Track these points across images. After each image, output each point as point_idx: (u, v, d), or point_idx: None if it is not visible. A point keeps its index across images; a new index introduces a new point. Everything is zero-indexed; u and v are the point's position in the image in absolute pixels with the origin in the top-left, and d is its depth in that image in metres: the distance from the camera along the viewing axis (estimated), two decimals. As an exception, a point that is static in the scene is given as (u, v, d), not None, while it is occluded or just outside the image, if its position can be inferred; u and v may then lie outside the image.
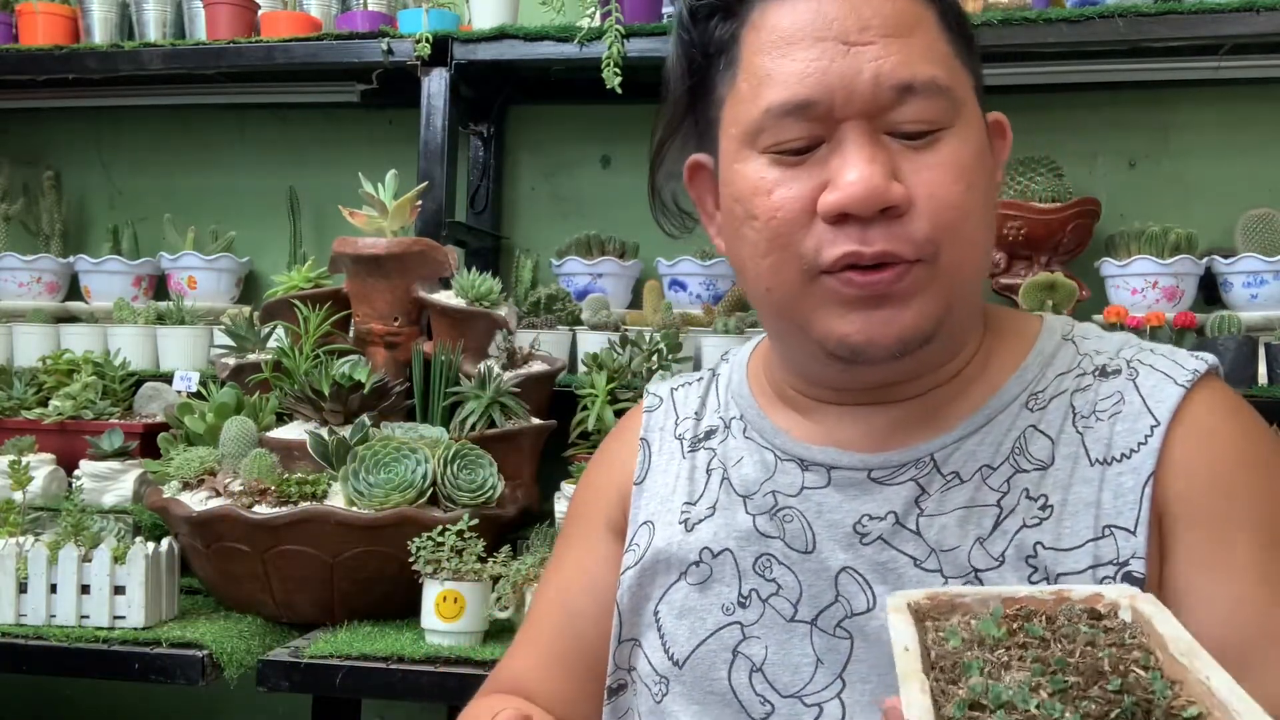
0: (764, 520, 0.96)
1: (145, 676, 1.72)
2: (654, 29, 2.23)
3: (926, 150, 0.86)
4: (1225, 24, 2.03)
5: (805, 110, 0.86)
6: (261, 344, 2.14)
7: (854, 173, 0.84)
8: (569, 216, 2.66)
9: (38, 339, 2.53)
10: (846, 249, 0.85)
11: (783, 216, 0.87)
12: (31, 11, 2.54)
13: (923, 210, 0.85)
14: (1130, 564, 0.84)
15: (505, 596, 1.76)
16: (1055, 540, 0.86)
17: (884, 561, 0.90)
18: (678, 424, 1.07)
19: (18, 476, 1.96)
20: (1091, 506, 0.87)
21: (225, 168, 2.81)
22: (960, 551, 0.88)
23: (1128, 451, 0.87)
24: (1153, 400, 0.89)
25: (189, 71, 2.47)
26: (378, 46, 2.33)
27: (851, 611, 0.90)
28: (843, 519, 0.93)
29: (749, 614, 0.94)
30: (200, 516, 1.83)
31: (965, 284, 0.90)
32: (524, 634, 1.10)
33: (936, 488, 0.91)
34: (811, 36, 0.86)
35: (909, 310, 0.86)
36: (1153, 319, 2.13)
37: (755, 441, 1.00)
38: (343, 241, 2.10)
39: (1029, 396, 0.92)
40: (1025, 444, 0.90)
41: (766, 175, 0.88)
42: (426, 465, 1.84)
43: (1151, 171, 2.43)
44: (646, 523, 1.02)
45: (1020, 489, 0.89)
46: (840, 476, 0.94)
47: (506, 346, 2.05)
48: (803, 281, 0.87)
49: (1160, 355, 0.92)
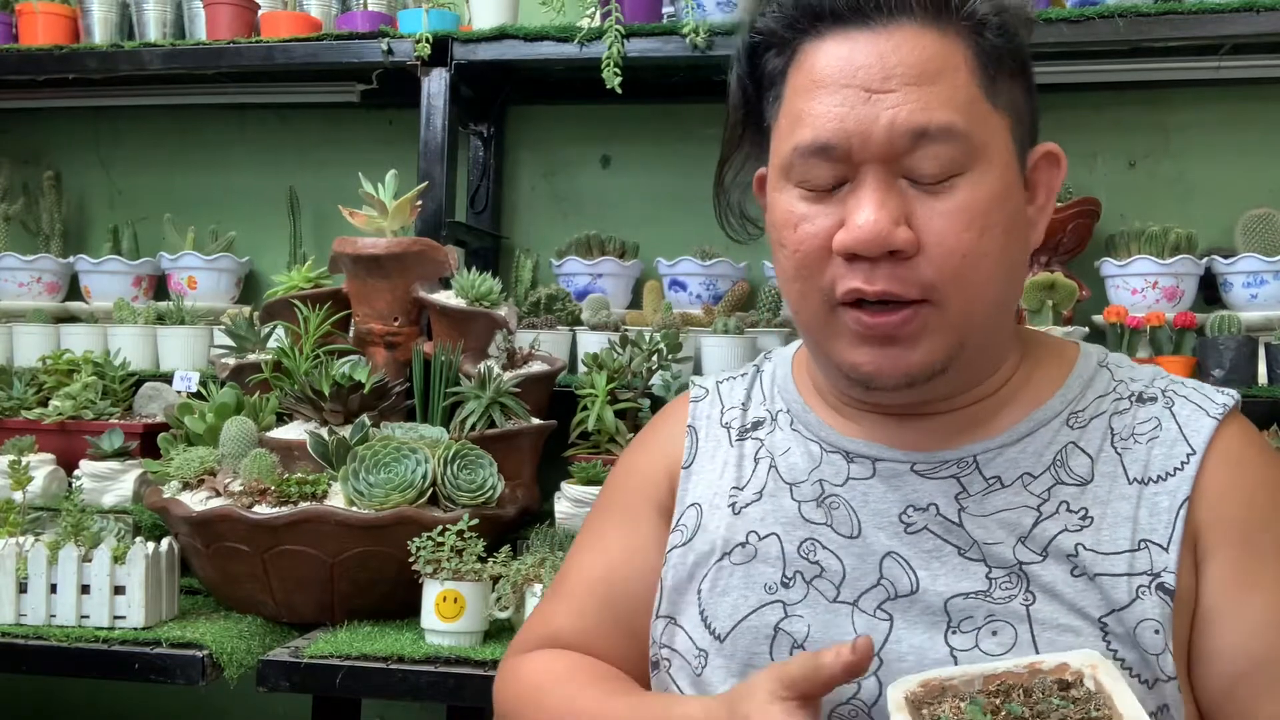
0: (810, 507, 1.00)
1: (145, 676, 1.72)
2: (654, 29, 2.23)
3: (941, 195, 0.90)
4: (1225, 24, 2.03)
5: (826, 152, 0.91)
6: (261, 344, 2.14)
7: (864, 216, 0.89)
8: (569, 216, 2.66)
9: (38, 339, 2.53)
10: (852, 285, 0.90)
11: (806, 249, 0.93)
12: (31, 11, 2.54)
13: (931, 255, 0.90)
14: (1163, 576, 0.90)
15: (505, 596, 1.76)
16: (1095, 544, 0.92)
17: (929, 550, 0.95)
18: (724, 413, 1.11)
19: (18, 476, 1.96)
20: (1129, 521, 0.92)
21: (225, 168, 2.81)
22: (1004, 547, 0.93)
23: (1164, 474, 0.93)
24: (1189, 429, 0.95)
25: (189, 71, 2.47)
26: (378, 46, 2.33)
27: (895, 593, 0.94)
28: (888, 508, 0.97)
29: (792, 594, 0.98)
30: (200, 516, 1.83)
31: (979, 322, 0.94)
32: (560, 602, 1.12)
33: (978, 489, 0.96)
34: (838, 83, 0.91)
35: (916, 351, 0.92)
36: (1153, 319, 2.13)
37: (801, 434, 1.04)
38: (343, 241, 2.10)
39: (1070, 414, 0.98)
40: (1065, 458, 0.96)
41: (795, 208, 0.94)
42: (426, 465, 1.84)
43: (1151, 171, 2.43)
44: (694, 505, 1.06)
45: (1060, 500, 0.94)
46: (884, 468, 0.99)
47: (506, 346, 2.05)
48: (824, 310, 0.94)
49: (1191, 388, 0.99)
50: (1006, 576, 0.92)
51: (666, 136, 2.58)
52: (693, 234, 2.47)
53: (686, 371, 2.24)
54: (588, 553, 1.13)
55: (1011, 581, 0.91)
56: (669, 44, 2.22)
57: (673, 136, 2.57)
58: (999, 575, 0.92)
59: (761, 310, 2.35)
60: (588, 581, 1.11)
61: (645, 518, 1.10)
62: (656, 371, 2.12)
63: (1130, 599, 0.89)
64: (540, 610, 1.15)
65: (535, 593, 1.71)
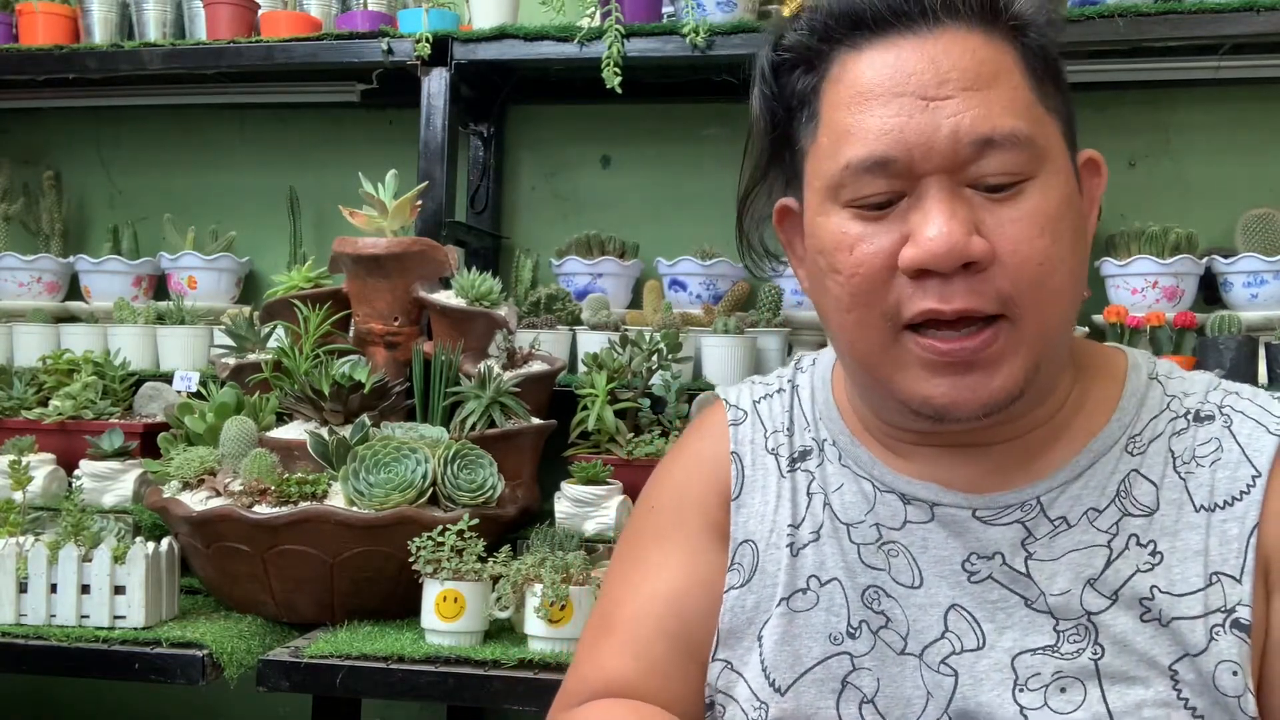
0: (869, 551, 0.95)
1: (145, 676, 1.72)
2: (654, 29, 2.23)
3: (1009, 203, 0.85)
4: (1225, 24, 2.03)
5: (884, 167, 0.86)
6: (261, 344, 2.14)
7: (934, 228, 0.84)
8: (569, 216, 2.66)
9: (38, 339, 2.53)
10: (926, 306, 0.85)
11: (865, 273, 0.87)
12: (31, 11, 2.54)
13: (1006, 265, 0.85)
14: (1237, 610, 0.86)
15: (505, 596, 1.75)
16: (1169, 585, 0.88)
17: (995, 601, 0.91)
18: (767, 438, 1.04)
19: (18, 476, 1.96)
20: (1200, 554, 0.88)
21: (225, 168, 2.81)
22: (1072, 596, 0.89)
23: (1230, 500, 0.89)
24: (1251, 449, 0.91)
25: (189, 71, 2.47)
26: (378, 46, 2.33)
27: (961, 648, 0.91)
28: (950, 555, 0.93)
29: (859, 645, 0.94)
30: (200, 516, 1.83)
31: (1053, 338, 0.89)
32: (612, 642, 1.02)
33: (1044, 532, 0.91)
34: (890, 92, 0.86)
35: (997, 376, 0.86)
36: (1153, 319, 2.13)
37: (851, 469, 0.99)
38: (343, 241, 2.10)
39: (1128, 440, 0.93)
40: (1129, 488, 0.91)
41: (849, 230, 0.88)
42: (426, 465, 1.84)
43: (1151, 171, 2.43)
44: (747, 541, 1.01)
45: (1128, 534, 0.90)
46: (944, 514, 0.93)
47: (506, 346, 2.05)
48: (886, 339, 0.88)
49: (1248, 400, 0.94)
50: (1074, 629, 0.88)
51: (666, 136, 2.58)
52: (693, 234, 2.48)
53: (686, 371, 2.24)
54: (642, 584, 1.03)
55: (1079, 634, 0.88)
56: (669, 44, 2.22)
57: (673, 136, 2.57)
58: (1066, 628, 0.88)
59: (761, 310, 2.35)
60: (647, 617, 1.01)
61: (708, 544, 1.02)
62: (656, 371, 2.12)
63: (1207, 641, 0.86)
64: (588, 652, 1.04)
65: (535, 592, 1.71)
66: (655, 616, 1.01)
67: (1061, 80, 0.92)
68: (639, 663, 1.00)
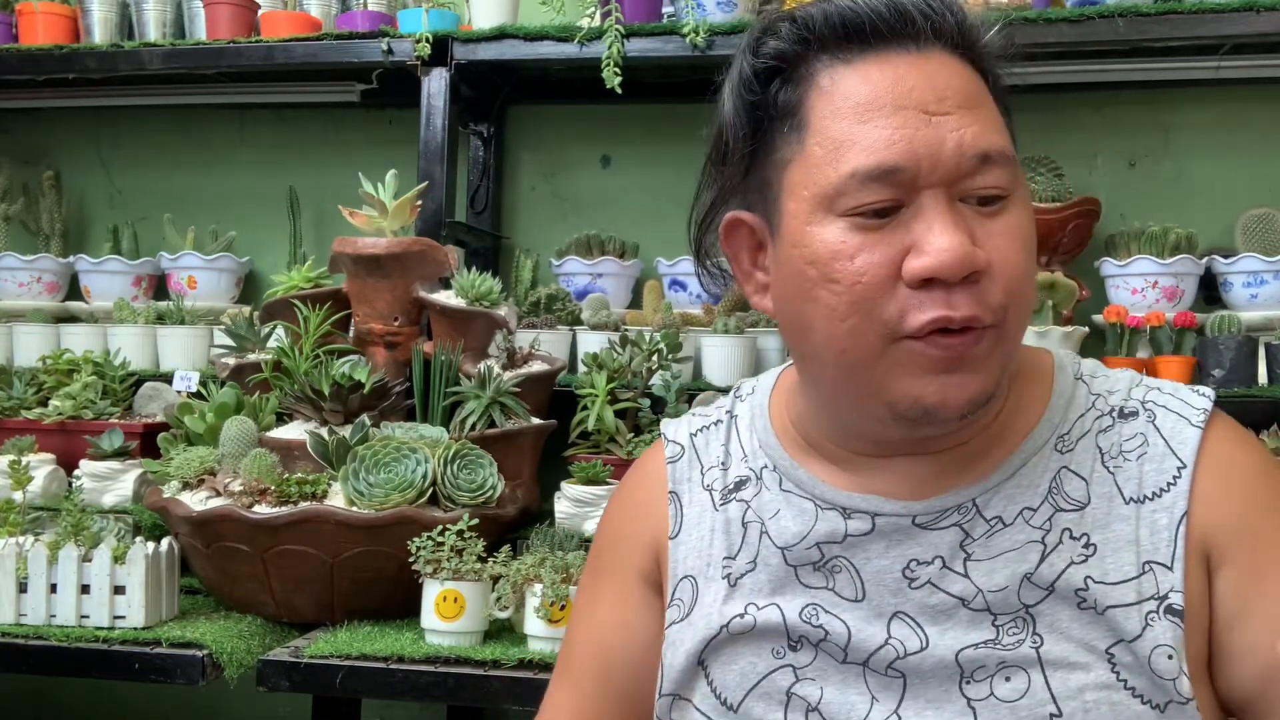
0: (807, 571, 0.98)
1: (145, 676, 1.72)
2: (654, 29, 2.23)
3: (996, 217, 0.90)
4: (1225, 24, 2.03)
5: (891, 176, 0.87)
6: (261, 344, 2.14)
7: (943, 239, 0.86)
8: (569, 216, 2.66)
9: (38, 339, 2.53)
10: (937, 314, 0.87)
11: (867, 281, 0.88)
12: (31, 11, 2.54)
13: (996, 277, 0.88)
14: (1170, 597, 0.90)
15: (505, 596, 1.76)
16: (1103, 574, 0.91)
17: (934, 604, 0.93)
18: (704, 473, 1.07)
19: (18, 476, 1.96)
20: (1131, 544, 0.92)
21: (225, 168, 2.81)
22: (1009, 592, 0.92)
23: (1158, 491, 0.93)
24: (1175, 442, 0.94)
25: (189, 71, 2.47)
26: (378, 46, 2.33)
27: (905, 653, 0.93)
28: (891, 564, 0.95)
29: (801, 657, 0.96)
30: (200, 516, 1.83)
31: (1017, 348, 0.94)
32: (563, 681, 1.11)
33: (981, 533, 0.94)
34: (892, 105, 0.88)
35: (979, 375, 0.90)
36: (1153, 319, 2.13)
37: (793, 493, 1.01)
38: (343, 241, 2.10)
39: (1057, 439, 0.97)
40: (1061, 484, 0.95)
41: (848, 240, 0.89)
42: (426, 465, 1.84)
43: (1151, 171, 2.43)
44: (687, 577, 1.04)
45: (1061, 528, 0.93)
46: (884, 523, 0.96)
47: (506, 346, 2.05)
48: (879, 347, 0.89)
49: (1169, 395, 0.98)
50: (1012, 621, 0.91)
51: (666, 136, 2.58)
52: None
53: (686, 371, 2.24)
54: (581, 627, 1.12)
55: (1018, 626, 0.91)
56: (669, 44, 2.22)
57: (673, 136, 2.57)
58: (1004, 622, 0.91)
59: (761, 310, 2.35)
60: (583, 658, 1.10)
61: (634, 589, 1.08)
62: (656, 371, 2.12)
63: (1142, 627, 0.89)
64: (549, 690, 1.13)
65: (535, 592, 1.71)
66: (591, 658, 1.09)
67: (1011, 113, 0.96)
68: (584, 703, 1.08)
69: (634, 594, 1.08)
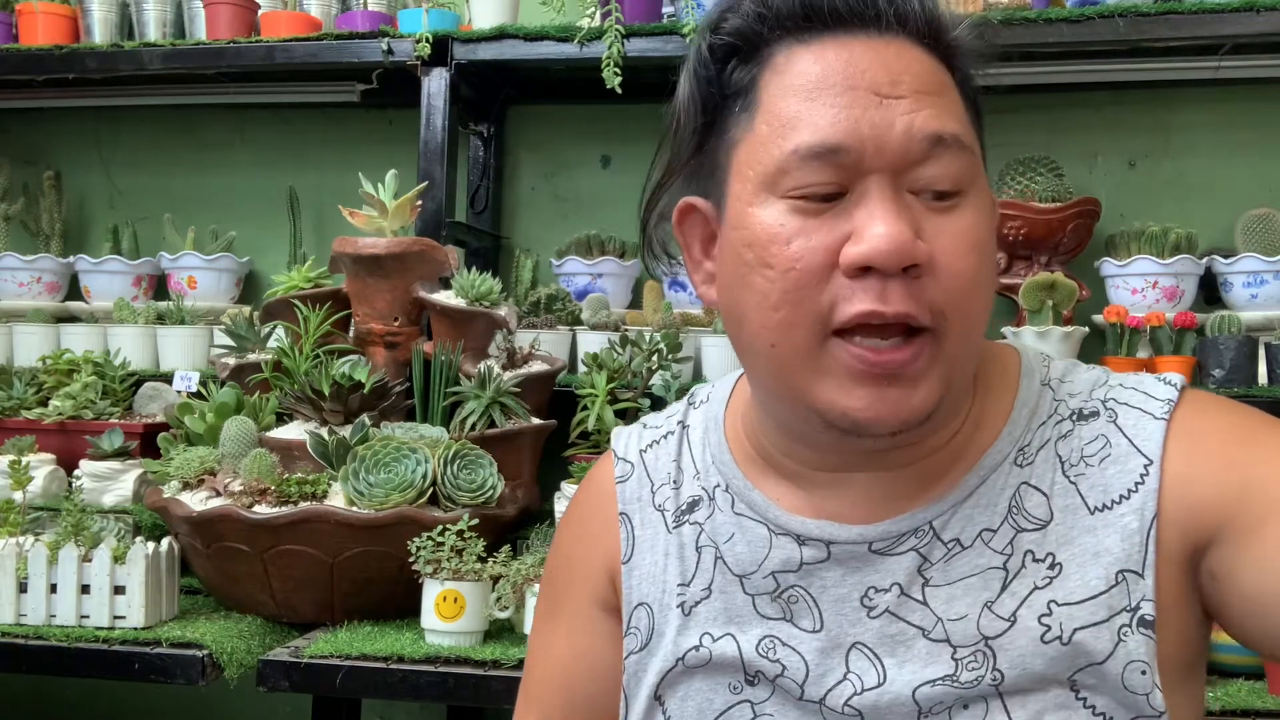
0: (764, 601, 0.94)
1: (145, 676, 1.73)
2: (654, 29, 2.23)
3: (947, 214, 0.85)
4: (1225, 24, 2.03)
5: (834, 155, 0.83)
6: (261, 344, 2.14)
7: (882, 226, 0.81)
8: (569, 216, 2.66)
9: (38, 339, 2.53)
10: (866, 307, 0.82)
11: (801, 268, 0.83)
12: (31, 11, 2.54)
13: (939, 276, 0.83)
14: (1141, 607, 0.85)
15: (505, 596, 1.76)
16: (1068, 595, 0.86)
17: (893, 634, 0.89)
18: (654, 491, 1.02)
19: (18, 476, 1.96)
20: (1100, 555, 0.86)
21: (225, 168, 2.81)
22: (969, 621, 0.87)
23: (1126, 493, 0.87)
24: (1139, 439, 0.88)
25: (189, 71, 2.47)
26: (378, 46, 2.34)
27: (862, 688, 0.89)
28: (848, 593, 0.91)
29: (758, 692, 0.92)
30: (200, 516, 1.83)
31: (965, 363, 0.88)
32: (527, 709, 1.09)
33: (939, 556, 0.89)
34: (844, 84, 0.84)
35: (918, 392, 0.84)
36: (1153, 319, 2.13)
37: (745, 516, 0.96)
38: (343, 241, 2.10)
39: (1017, 452, 0.91)
40: (1021, 502, 0.89)
41: (786, 223, 0.84)
42: (426, 465, 1.84)
43: (1151, 171, 2.43)
44: (641, 604, 1.00)
45: (1024, 551, 0.88)
46: (840, 550, 0.91)
47: (506, 346, 2.05)
48: (812, 343, 0.84)
49: (1131, 389, 0.92)
50: (971, 655, 0.86)
51: (667, 136, 2.58)
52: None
53: (686, 371, 2.24)
54: (540, 659, 1.08)
55: (978, 660, 0.86)
56: (669, 44, 2.22)
57: (673, 136, 2.57)
58: (964, 655, 0.86)
59: (761, 310, 2.35)
60: (548, 688, 1.07)
61: (590, 617, 1.04)
62: (656, 371, 2.12)
63: (1114, 645, 0.84)
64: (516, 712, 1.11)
65: (535, 592, 1.71)
66: (554, 690, 1.07)
67: (981, 116, 0.92)
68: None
69: (591, 622, 1.04)
